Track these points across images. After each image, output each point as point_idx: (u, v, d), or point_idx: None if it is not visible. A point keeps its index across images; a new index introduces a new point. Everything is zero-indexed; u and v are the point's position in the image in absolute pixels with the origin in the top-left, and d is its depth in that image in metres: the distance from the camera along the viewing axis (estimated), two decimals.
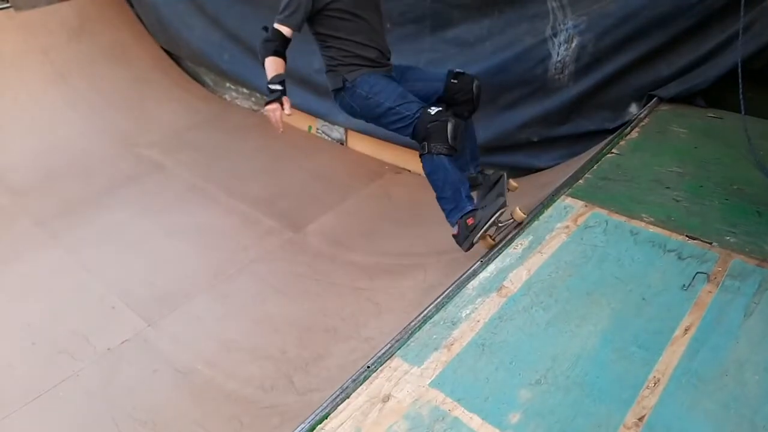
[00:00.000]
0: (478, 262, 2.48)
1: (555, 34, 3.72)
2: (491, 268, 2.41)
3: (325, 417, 1.82)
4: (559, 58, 3.76)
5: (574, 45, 3.67)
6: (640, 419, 1.71)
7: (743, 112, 2.78)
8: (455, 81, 3.07)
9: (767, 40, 3.15)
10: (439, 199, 3.00)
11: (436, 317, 2.18)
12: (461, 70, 3.12)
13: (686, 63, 3.48)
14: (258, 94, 6.03)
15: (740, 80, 2.82)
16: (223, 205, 4.55)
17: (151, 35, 6.66)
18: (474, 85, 3.08)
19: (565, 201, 2.74)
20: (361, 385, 1.92)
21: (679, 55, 3.48)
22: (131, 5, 6.68)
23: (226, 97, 6.43)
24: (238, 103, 6.34)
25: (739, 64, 2.86)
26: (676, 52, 3.48)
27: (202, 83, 6.69)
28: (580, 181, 2.90)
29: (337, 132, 5.46)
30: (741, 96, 2.79)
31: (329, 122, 5.41)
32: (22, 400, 2.97)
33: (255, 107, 6.15)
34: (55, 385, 3.05)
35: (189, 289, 3.70)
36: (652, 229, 2.49)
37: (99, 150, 5.40)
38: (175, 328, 3.41)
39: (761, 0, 3.12)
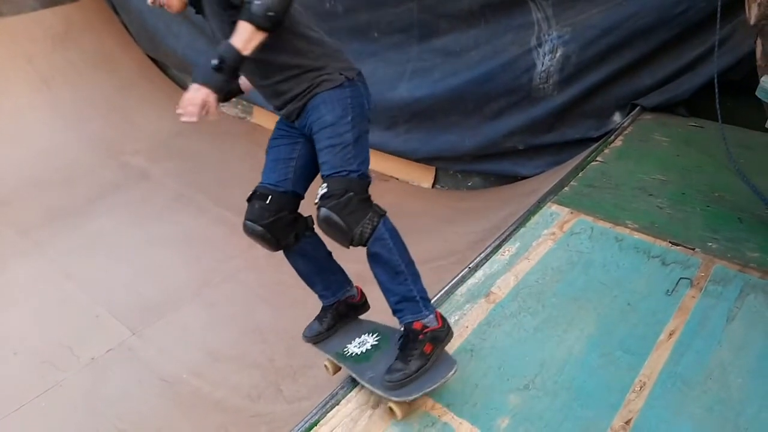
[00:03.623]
0: (466, 269, 2.49)
1: (540, 45, 3.78)
2: (479, 274, 2.43)
3: (315, 424, 1.82)
4: (543, 68, 3.81)
5: (558, 55, 3.73)
6: (627, 423, 1.73)
7: (720, 122, 2.85)
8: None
9: (745, 52, 3.22)
10: None
11: None
12: (323, 190, 1.92)
13: (668, 73, 3.56)
14: (245, 102, 6.03)
15: (716, 91, 2.89)
16: (209, 214, 4.52)
17: (136, 43, 6.63)
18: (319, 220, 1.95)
19: (552, 208, 2.78)
20: (350, 392, 1.92)
21: (661, 66, 3.56)
22: (117, 13, 6.65)
23: None
24: (225, 110, 6.32)
25: (715, 76, 2.93)
26: (658, 62, 3.56)
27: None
28: (566, 188, 2.94)
29: None
30: (717, 106, 2.86)
31: None
32: (4, 411, 2.91)
33: (242, 115, 6.14)
34: (38, 395, 3.00)
35: (175, 298, 3.66)
36: (637, 235, 2.53)
37: (84, 158, 5.34)
38: (161, 338, 3.37)
39: (739, 13, 3.20)
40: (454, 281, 2.41)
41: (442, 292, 2.35)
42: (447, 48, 4.21)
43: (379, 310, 2.57)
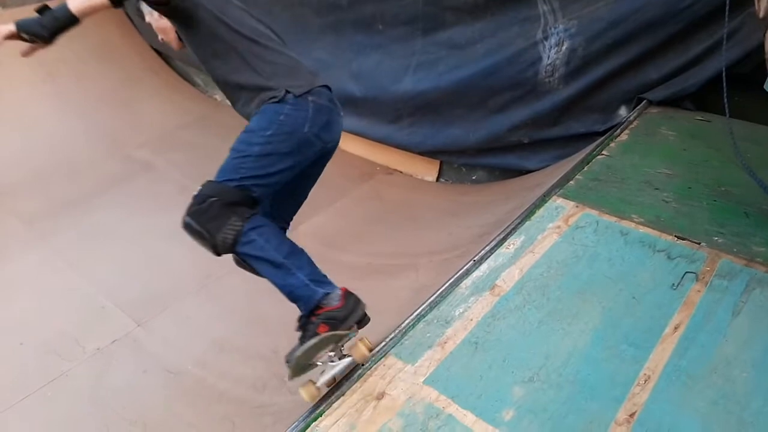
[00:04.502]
0: (471, 262, 2.49)
1: (546, 38, 3.76)
2: (484, 267, 2.43)
3: (320, 415, 1.83)
4: (549, 61, 3.79)
5: (564, 48, 3.71)
6: (632, 416, 1.73)
7: (728, 116, 2.83)
8: None
9: (753, 45, 3.20)
10: None
11: (429, 316, 2.20)
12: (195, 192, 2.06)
13: (675, 67, 3.53)
14: None
15: (724, 84, 2.87)
16: None
17: (141, 35, 6.62)
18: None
19: (557, 201, 2.77)
20: (355, 383, 1.93)
21: (668, 59, 3.53)
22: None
23: (217, 97, 6.41)
24: (229, 103, 6.31)
25: (723, 69, 2.91)
26: (665, 56, 3.53)
27: (193, 83, 6.66)
28: (571, 182, 2.93)
29: None
30: (725, 100, 2.84)
31: None
32: (10, 401, 2.94)
33: None
34: (44, 385, 3.02)
35: (179, 289, 3.67)
36: (642, 229, 2.52)
37: (88, 150, 5.35)
38: (166, 329, 3.39)
39: (747, 5, 3.18)
40: (458, 274, 2.41)
41: (447, 284, 2.35)
42: (452, 41, 4.20)
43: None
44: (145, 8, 2.17)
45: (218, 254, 1.99)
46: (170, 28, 2.25)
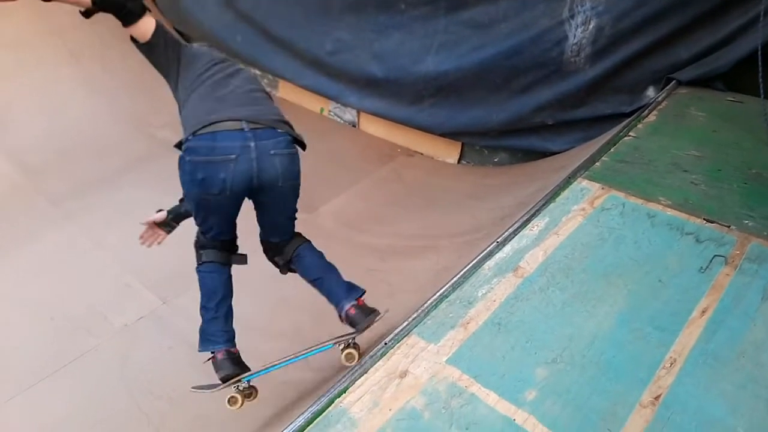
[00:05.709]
0: (494, 243, 2.48)
1: (572, 16, 3.68)
2: (507, 249, 2.41)
3: (344, 391, 1.85)
4: (575, 41, 3.72)
5: (591, 27, 3.63)
6: (657, 398, 1.72)
7: (762, 96, 2.75)
8: None
9: None
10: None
11: (452, 296, 2.19)
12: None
13: (705, 46, 3.43)
14: (270, 76, 6.02)
15: (759, 63, 2.78)
16: None
17: (164, 16, 6.65)
18: None
19: (582, 183, 2.73)
20: (378, 360, 1.94)
21: (699, 38, 3.44)
22: None
23: None
24: None
25: (759, 48, 2.82)
26: (696, 34, 3.43)
27: None
28: (597, 163, 2.88)
29: (350, 114, 5.45)
30: (761, 80, 2.75)
31: (341, 104, 5.40)
32: (41, 374, 3.04)
33: (268, 89, 6.13)
34: (73, 360, 3.11)
35: None
36: (670, 212, 2.48)
37: (112, 131, 5.43)
38: (190, 306, 3.43)
39: None
40: (482, 255, 2.39)
41: (470, 265, 2.34)
42: (475, 20, 4.14)
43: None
44: None
45: None
46: None
